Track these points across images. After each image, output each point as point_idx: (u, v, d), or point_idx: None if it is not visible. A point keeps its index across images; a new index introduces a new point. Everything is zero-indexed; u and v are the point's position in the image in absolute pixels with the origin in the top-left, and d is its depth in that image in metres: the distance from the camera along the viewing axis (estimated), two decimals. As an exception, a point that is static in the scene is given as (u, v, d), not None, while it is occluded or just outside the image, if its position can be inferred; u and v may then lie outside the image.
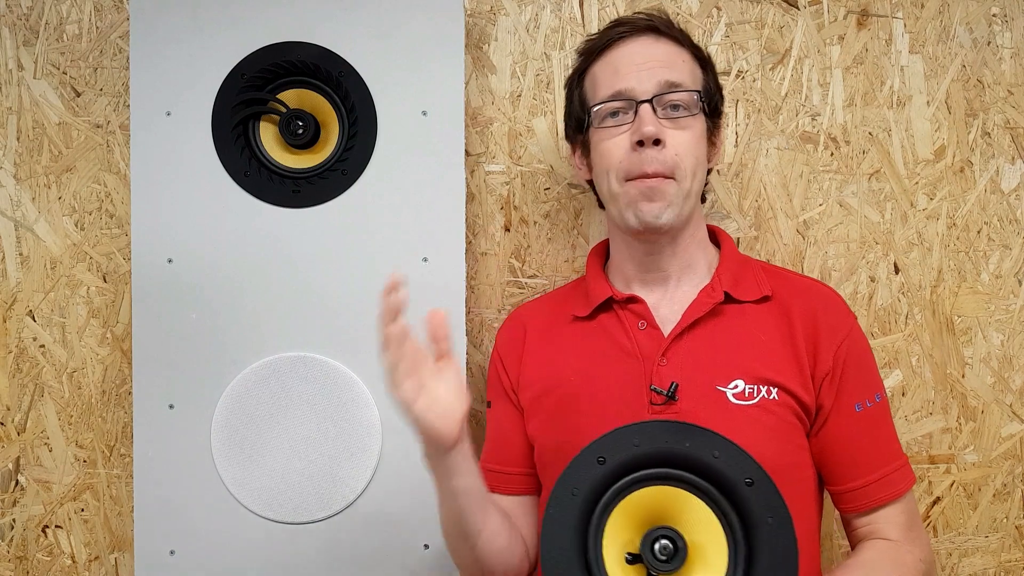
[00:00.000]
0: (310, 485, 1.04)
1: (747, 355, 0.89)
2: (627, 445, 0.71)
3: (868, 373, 0.92)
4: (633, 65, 0.92)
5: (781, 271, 0.99)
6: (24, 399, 1.20)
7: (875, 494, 0.89)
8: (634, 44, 0.93)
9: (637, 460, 0.70)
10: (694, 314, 0.91)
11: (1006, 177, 1.15)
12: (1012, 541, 1.15)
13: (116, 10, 1.20)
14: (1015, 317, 1.14)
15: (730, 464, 0.69)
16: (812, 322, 0.90)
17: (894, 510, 0.89)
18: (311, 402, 1.04)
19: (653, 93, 0.90)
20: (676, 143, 0.90)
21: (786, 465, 0.86)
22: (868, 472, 0.89)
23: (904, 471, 0.91)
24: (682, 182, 0.90)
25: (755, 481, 0.68)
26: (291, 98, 1.05)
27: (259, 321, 1.05)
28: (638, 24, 0.94)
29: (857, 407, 0.89)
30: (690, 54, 0.95)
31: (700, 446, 0.70)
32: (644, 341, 0.92)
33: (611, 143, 0.92)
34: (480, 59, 1.18)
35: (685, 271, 0.95)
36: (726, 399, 0.87)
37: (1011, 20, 1.15)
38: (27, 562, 1.20)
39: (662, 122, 0.90)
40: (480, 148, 1.19)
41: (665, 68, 0.91)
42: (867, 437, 0.90)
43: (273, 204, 1.05)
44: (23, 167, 1.20)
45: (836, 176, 1.16)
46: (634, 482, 0.71)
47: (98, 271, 1.20)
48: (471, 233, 1.18)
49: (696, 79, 0.94)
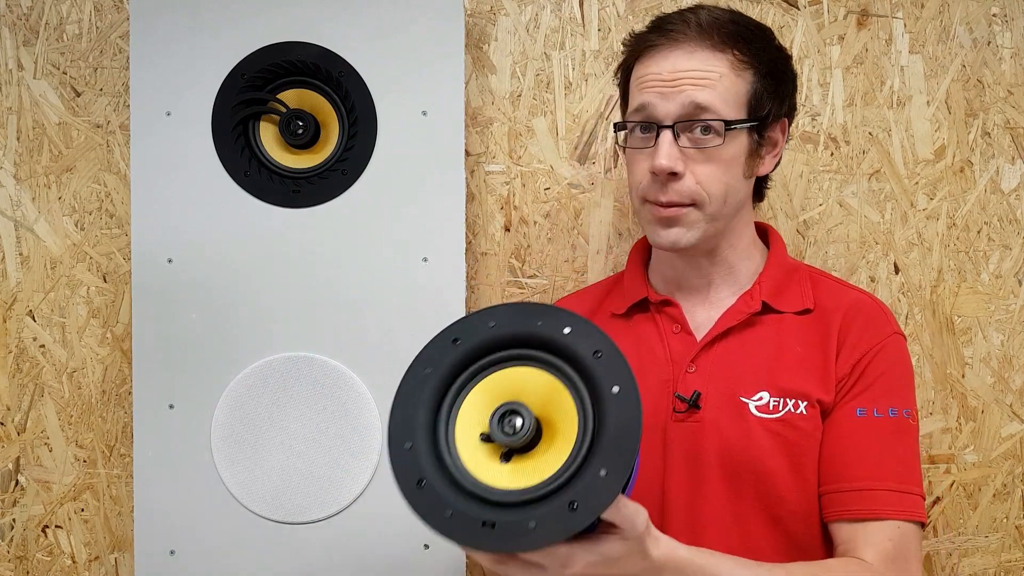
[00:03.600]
0: (310, 485, 1.04)
1: (778, 367, 0.86)
2: (482, 327, 0.69)
3: (890, 387, 0.86)
4: (660, 81, 0.84)
5: (831, 281, 0.95)
6: (24, 399, 1.20)
7: (861, 502, 0.82)
8: (667, 56, 0.85)
9: (492, 342, 0.69)
10: (728, 322, 0.89)
11: (1006, 177, 1.15)
12: (1012, 541, 1.15)
13: (116, 10, 1.20)
14: (1015, 317, 1.14)
15: (580, 338, 0.67)
16: (846, 332, 0.87)
17: (880, 533, 0.81)
18: (311, 402, 1.04)
19: (675, 117, 0.83)
20: (699, 174, 0.84)
21: (804, 480, 0.85)
22: (854, 479, 0.83)
23: (908, 499, 0.82)
24: (705, 207, 0.85)
25: (603, 353, 0.66)
26: (291, 98, 1.05)
27: (259, 321, 1.05)
28: (675, 31, 0.85)
29: (859, 412, 0.85)
30: (734, 62, 0.84)
31: (551, 324, 0.68)
32: (676, 346, 0.90)
33: (635, 165, 0.89)
34: (480, 59, 1.18)
35: (726, 277, 0.92)
36: (748, 410, 0.85)
37: (1011, 20, 1.15)
38: (27, 562, 1.20)
39: (686, 150, 0.84)
40: (480, 148, 1.19)
41: (694, 87, 0.83)
42: (865, 444, 0.84)
43: (273, 204, 1.05)
44: (23, 167, 1.20)
45: (836, 176, 1.16)
46: (489, 364, 0.69)
47: (98, 271, 1.20)
48: (471, 233, 1.18)
49: (736, 95, 0.84)
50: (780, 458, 0.85)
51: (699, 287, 0.93)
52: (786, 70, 0.91)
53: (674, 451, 0.87)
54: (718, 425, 0.86)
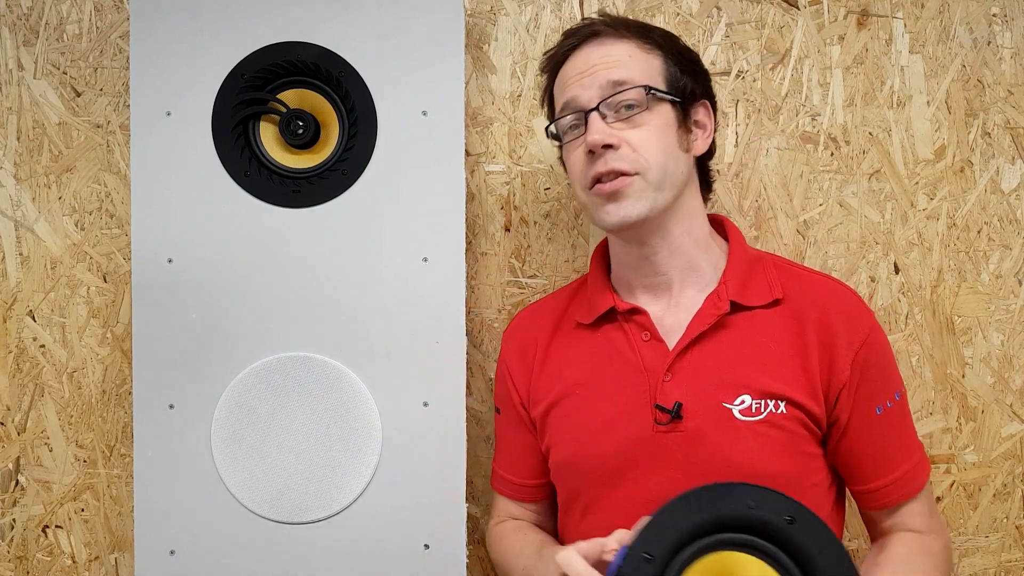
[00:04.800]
0: (310, 485, 1.04)
1: (754, 368, 0.87)
2: (673, 528, 0.72)
3: (887, 373, 0.91)
4: (577, 74, 0.90)
5: (795, 269, 0.95)
6: (24, 399, 1.20)
7: (898, 491, 0.89)
8: (579, 53, 0.91)
9: (683, 537, 0.71)
10: (699, 327, 0.89)
11: (1006, 177, 1.15)
12: (1012, 541, 1.15)
13: (116, 10, 1.20)
14: (1015, 317, 1.15)
15: (766, 509, 0.70)
16: (828, 331, 0.87)
17: (916, 504, 0.90)
18: (311, 402, 1.04)
19: (598, 99, 0.88)
20: (633, 142, 0.87)
21: (796, 475, 0.85)
22: (891, 471, 0.89)
23: (922, 464, 0.91)
24: (648, 174, 0.87)
25: (795, 518, 0.70)
26: (291, 98, 1.05)
27: (259, 321, 1.05)
28: (583, 32, 0.92)
29: (878, 410, 0.88)
30: (639, 45, 0.90)
31: (735, 501, 0.71)
32: (648, 354, 0.90)
33: (573, 156, 0.92)
34: (480, 59, 1.18)
35: (688, 274, 0.92)
36: (732, 416, 0.85)
37: (1011, 20, 1.15)
38: (27, 562, 1.20)
39: (614, 125, 0.87)
40: (480, 148, 1.19)
41: (607, 70, 0.88)
42: (888, 437, 0.89)
43: (273, 204, 1.05)
44: (23, 167, 1.20)
45: (836, 176, 1.16)
46: (691, 556, 0.72)
47: (98, 271, 1.20)
48: (471, 233, 1.18)
49: (648, 70, 0.89)
50: (772, 458, 0.85)
51: (663, 287, 0.93)
52: (696, 60, 0.95)
53: (661, 463, 0.87)
54: (705, 434, 0.85)
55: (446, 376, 1.04)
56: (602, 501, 0.90)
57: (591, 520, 0.91)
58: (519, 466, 1.02)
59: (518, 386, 1.00)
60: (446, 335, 1.04)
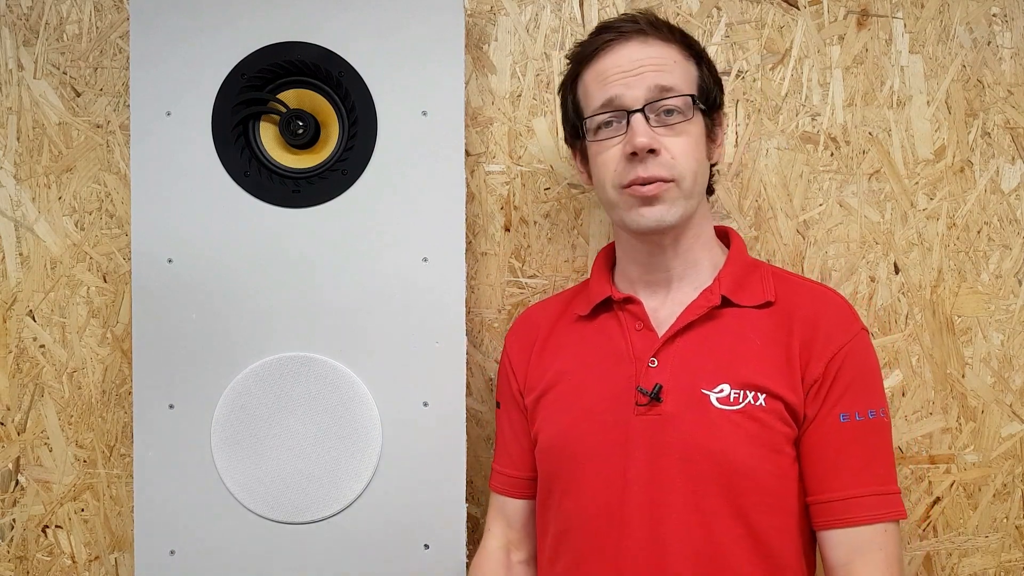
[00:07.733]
0: (310, 485, 1.04)
1: (738, 360, 0.88)
2: None
3: (865, 387, 0.88)
4: (621, 72, 0.89)
5: (793, 278, 0.96)
6: (24, 399, 1.20)
7: (847, 512, 0.84)
8: (622, 49, 0.90)
9: None
10: (689, 317, 0.90)
11: (1006, 177, 1.15)
12: (1012, 541, 1.15)
13: (116, 10, 1.20)
14: (1015, 317, 1.14)
15: None
16: (811, 327, 0.88)
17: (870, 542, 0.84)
18: (311, 402, 1.04)
19: (644, 101, 0.88)
20: (673, 150, 0.88)
21: (765, 472, 0.85)
22: (844, 487, 0.85)
23: (890, 500, 0.85)
24: (682, 182, 0.88)
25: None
26: (291, 98, 1.05)
27: (259, 321, 1.05)
28: (625, 28, 0.91)
29: (843, 417, 0.86)
30: (681, 51, 0.91)
31: None
32: (638, 342, 0.92)
33: (607, 155, 0.91)
34: (480, 59, 1.18)
35: (688, 271, 0.94)
36: (709, 403, 0.86)
37: (1011, 20, 1.15)
38: (27, 562, 1.20)
39: (656, 130, 0.87)
40: (480, 148, 1.19)
41: (655, 72, 0.88)
42: (851, 451, 0.86)
43: (273, 204, 1.05)
44: (23, 167, 1.20)
45: (836, 176, 1.16)
46: None
47: (98, 271, 1.20)
48: (471, 233, 1.18)
49: (690, 79, 0.91)
50: (744, 448, 0.85)
51: (663, 283, 0.95)
52: (715, 69, 0.96)
53: (635, 444, 0.88)
54: (680, 418, 0.87)
55: (446, 376, 1.04)
56: (580, 482, 0.91)
57: (569, 502, 0.92)
58: (514, 458, 1.01)
59: (516, 373, 1.01)
60: (446, 335, 1.04)
